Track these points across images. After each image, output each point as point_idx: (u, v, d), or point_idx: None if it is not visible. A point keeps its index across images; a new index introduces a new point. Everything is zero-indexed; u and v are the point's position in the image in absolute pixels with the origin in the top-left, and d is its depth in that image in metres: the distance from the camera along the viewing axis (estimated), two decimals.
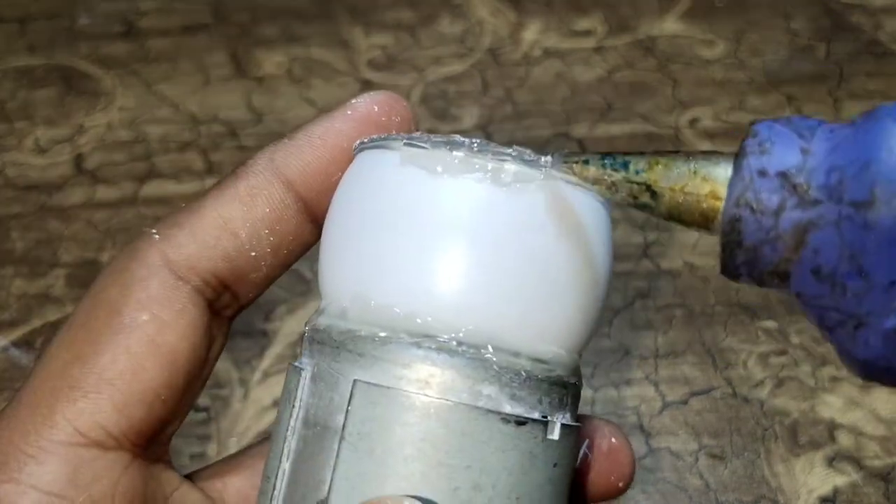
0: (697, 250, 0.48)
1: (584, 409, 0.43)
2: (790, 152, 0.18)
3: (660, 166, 0.19)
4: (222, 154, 0.54)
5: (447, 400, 0.20)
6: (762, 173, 0.18)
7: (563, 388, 0.22)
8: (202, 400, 0.44)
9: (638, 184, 0.19)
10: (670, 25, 0.59)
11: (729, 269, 0.19)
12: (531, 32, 0.59)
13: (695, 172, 0.19)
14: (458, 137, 0.22)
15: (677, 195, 0.19)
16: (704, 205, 0.18)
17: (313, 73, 0.57)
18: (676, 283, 0.47)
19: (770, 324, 0.46)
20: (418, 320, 0.21)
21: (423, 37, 0.59)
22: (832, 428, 0.42)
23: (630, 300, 0.47)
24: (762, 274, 0.18)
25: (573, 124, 0.54)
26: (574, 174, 0.20)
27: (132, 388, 0.21)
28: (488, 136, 0.54)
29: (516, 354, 0.21)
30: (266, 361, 0.45)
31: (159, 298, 0.22)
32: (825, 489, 0.41)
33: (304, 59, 0.58)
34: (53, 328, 0.47)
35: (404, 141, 0.22)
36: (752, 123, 0.19)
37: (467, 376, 0.21)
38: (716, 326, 0.46)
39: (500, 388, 0.21)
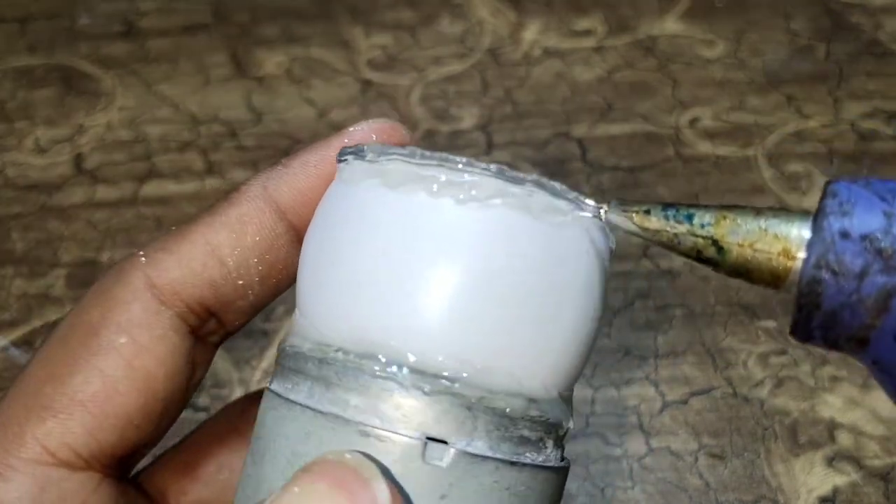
0: None
1: (584, 408, 0.43)
2: (873, 215, 0.17)
3: (727, 221, 0.19)
4: (222, 154, 0.54)
5: (313, 408, 0.19)
6: (844, 235, 0.17)
7: (467, 410, 0.19)
8: (202, 400, 0.44)
9: (704, 237, 0.19)
10: (670, 25, 0.59)
11: (802, 331, 0.18)
12: (531, 32, 0.59)
13: (765, 229, 0.18)
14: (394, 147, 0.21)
15: (746, 251, 0.18)
16: (775, 263, 0.18)
17: (313, 73, 0.57)
18: (676, 283, 0.47)
19: (770, 324, 0.46)
20: (314, 329, 0.21)
21: (423, 37, 0.59)
22: (832, 428, 0.43)
23: (630, 300, 0.47)
24: (838, 339, 0.18)
25: (573, 124, 0.54)
26: (633, 224, 0.20)
27: (104, 412, 0.21)
28: (488, 136, 0.54)
29: (401, 366, 0.19)
30: (266, 361, 0.45)
31: (140, 322, 0.22)
32: (825, 489, 0.41)
33: (304, 59, 0.58)
34: (53, 328, 0.47)
35: (345, 152, 0.22)
36: (829, 183, 0.18)
37: (338, 385, 0.20)
38: (716, 326, 0.46)
39: (369, 399, 0.19)
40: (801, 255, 0.18)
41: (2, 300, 0.48)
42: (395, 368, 0.19)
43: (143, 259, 0.22)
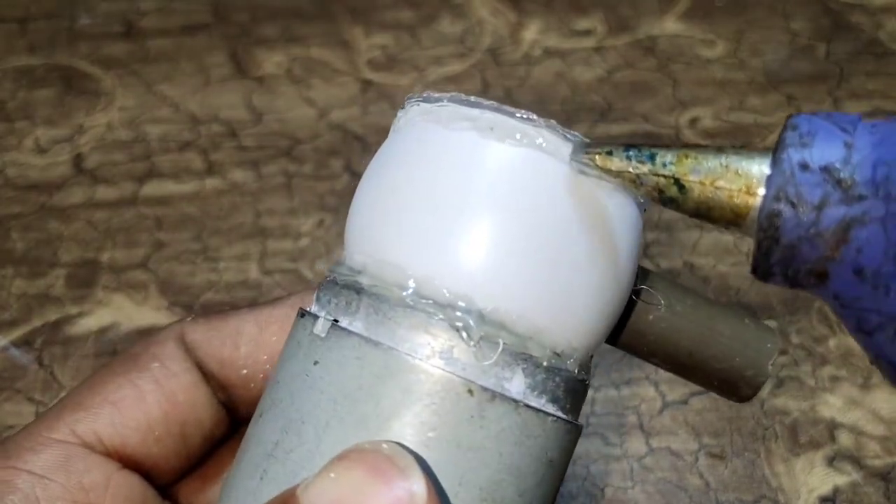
0: (697, 250, 0.48)
1: (584, 408, 0.43)
2: (833, 146, 0.17)
3: (689, 159, 0.18)
4: (222, 154, 0.54)
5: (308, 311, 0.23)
6: (804, 167, 0.17)
7: (356, 293, 0.21)
8: None
9: (665, 177, 0.18)
10: (670, 25, 0.59)
11: (762, 268, 0.18)
12: (531, 32, 0.59)
13: (727, 166, 0.18)
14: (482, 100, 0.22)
15: (707, 189, 0.18)
16: (737, 200, 0.18)
17: (313, 73, 0.57)
18: None
19: (770, 324, 0.46)
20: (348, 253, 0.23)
21: (423, 37, 0.59)
22: (832, 427, 0.43)
23: None
24: (798, 273, 0.17)
25: (573, 124, 0.54)
26: (595, 165, 0.20)
27: (131, 413, 0.24)
28: None
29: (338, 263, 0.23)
30: None
31: (172, 355, 0.26)
32: (825, 489, 0.41)
33: (304, 59, 0.58)
34: (53, 328, 0.47)
35: (406, 100, 0.23)
36: (790, 117, 0.18)
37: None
38: None
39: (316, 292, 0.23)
40: (762, 190, 0.17)
41: (2, 300, 0.48)
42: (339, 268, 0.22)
43: (188, 319, 0.27)
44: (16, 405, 0.44)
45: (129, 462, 0.24)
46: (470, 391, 0.20)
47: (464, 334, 0.20)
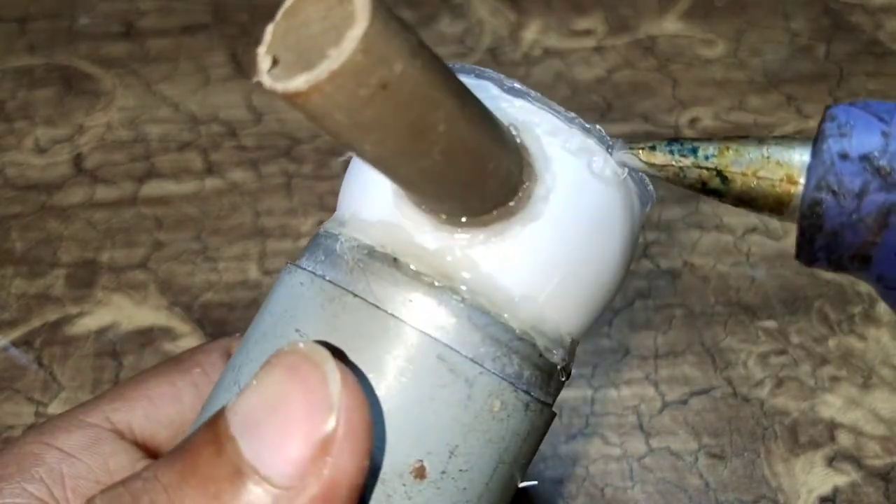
0: (697, 250, 0.48)
1: (584, 408, 0.43)
2: (871, 135, 0.18)
3: (730, 151, 0.19)
4: (222, 154, 0.54)
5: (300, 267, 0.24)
6: (843, 156, 0.18)
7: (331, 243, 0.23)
8: None
9: (708, 169, 0.19)
10: (670, 25, 0.59)
11: (806, 253, 0.19)
12: (531, 32, 0.59)
13: (768, 157, 0.19)
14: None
15: (750, 180, 0.19)
16: (779, 189, 0.18)
17: None
18: (676, 283, 0.47)
19: (770, 324, 0.46)
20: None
21: (424, 37, 0.59)
22: (832, 427, 0.43)
23: (630, 300, 0.47)
24: (841, 258, 0.18)
25: None
26: (640, 160, 0.20)
27: (165, 409, 0.26)
28: None
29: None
30: None
31: (214, 364, 0.27)
32: (825, 489, 0.41)
33: None
34: (53, 328, 0.47)
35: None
36: (829, 108, 0.18)
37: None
38: (716, 326, 0.46)
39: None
40: (803, 179, 0.18)
41: (2, 300, 0.48)
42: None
43: (237, 335, 0.28)
44: (15, 405, 0.44)
45: (156, 456, 0.25)
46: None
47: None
